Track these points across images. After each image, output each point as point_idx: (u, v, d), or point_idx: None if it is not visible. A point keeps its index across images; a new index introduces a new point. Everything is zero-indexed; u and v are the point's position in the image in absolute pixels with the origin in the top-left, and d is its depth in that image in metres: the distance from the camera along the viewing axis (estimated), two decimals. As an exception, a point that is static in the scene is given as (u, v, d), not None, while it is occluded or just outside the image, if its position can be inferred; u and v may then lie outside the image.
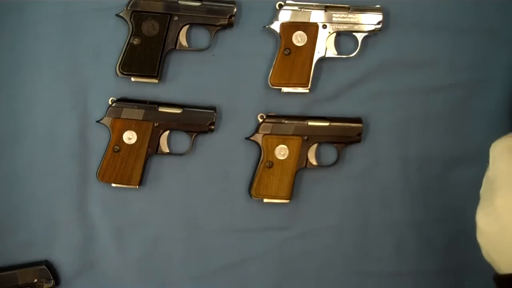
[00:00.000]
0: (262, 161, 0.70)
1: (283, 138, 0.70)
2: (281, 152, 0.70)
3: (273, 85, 0.70)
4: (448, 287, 0.74)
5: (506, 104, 0.74)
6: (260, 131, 0.70)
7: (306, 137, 0.70)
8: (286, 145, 0.70)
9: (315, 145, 0.71)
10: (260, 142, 0.70)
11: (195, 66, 0.72)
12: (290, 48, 0.68)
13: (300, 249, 0.73)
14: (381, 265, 0.73)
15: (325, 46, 0.70)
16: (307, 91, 0.70)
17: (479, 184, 0.73)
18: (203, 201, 0.72)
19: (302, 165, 0.71)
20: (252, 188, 0.71)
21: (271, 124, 0.70)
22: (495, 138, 0.73)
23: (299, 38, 0.69)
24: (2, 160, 0.70)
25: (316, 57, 0.70)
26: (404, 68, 0.73)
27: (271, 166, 0.70)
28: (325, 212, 0.73)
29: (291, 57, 0.69)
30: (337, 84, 0.72)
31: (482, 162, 0.73)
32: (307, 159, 0.71)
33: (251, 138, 0.71)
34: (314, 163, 0.71)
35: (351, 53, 0.71)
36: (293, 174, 0.70)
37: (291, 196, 0.71)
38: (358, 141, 0.71)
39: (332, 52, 0.71)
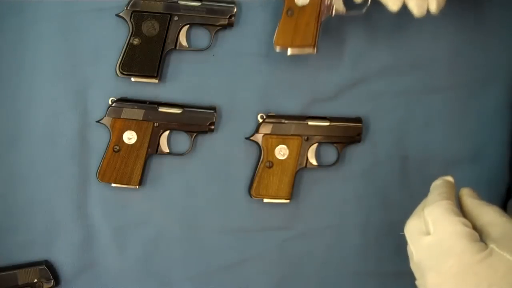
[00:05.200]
0: (262, 161, 0.70)
1: (283, 138, 0.70)
2: (281, 152, 0.70)
3: (277, 45, 0.67)
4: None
5: (506, 104, 0.74)
6: (260, 131, 0.70)
7: (306, 137, 0.70)
8: (286, 145, 0.70)
9: (315, 145, 0.71)
10: (260, 142, 0.70)
11: (195, 66, 0.72)
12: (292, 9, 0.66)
13: (300, 249, 0.73)
14: (381, 265, 0.73)
15: None
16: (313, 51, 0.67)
17: (479, 184, 0.74)
18: (203, 201, 0.72)
19: (302, 165, 0.71)
20: (252, 188, 0.71)
21: (271, 124, 0.70)
22: (495, 138, 0.74)
23: None
24: (2, 160, 0.70)
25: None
26: (404, 68, 0.73)
27: (271, 166, 0.70)
28: (325, 212, 0.73)
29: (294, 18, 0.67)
30: (337, 84, 0.73)
31: (482, 162, 0.74)
32: (307, 159, 0.71)
33: (251, 138, 0.71)
34: (314, 163, 0.71)
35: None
36: (293, 174, 0.70)
37: (291, 196, 0.71)
38: (358, 141, 0.71)
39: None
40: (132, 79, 0.70)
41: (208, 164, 0.72)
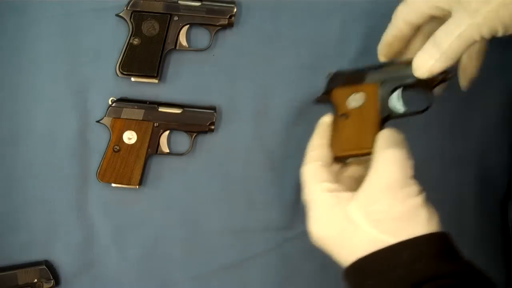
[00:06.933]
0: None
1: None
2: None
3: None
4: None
5: (506, 105, 0.74)
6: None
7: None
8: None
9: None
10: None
11: (195, 66, 0.72)
12: None
13: (300, 249, 0.73)
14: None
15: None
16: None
17: (479, 184, 0.74)
18: (203, 201, 0.72)
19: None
20: None
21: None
22: (495, 138, 0.74)
23: None
24: (2, 160, 0.70)
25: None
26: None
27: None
28: (325, 212, 0.73)
29: None
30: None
31: (482, 163, 0.74)
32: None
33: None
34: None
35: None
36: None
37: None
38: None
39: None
40: (132, 79, 0.70)
41: (208, 164, 0.72)
